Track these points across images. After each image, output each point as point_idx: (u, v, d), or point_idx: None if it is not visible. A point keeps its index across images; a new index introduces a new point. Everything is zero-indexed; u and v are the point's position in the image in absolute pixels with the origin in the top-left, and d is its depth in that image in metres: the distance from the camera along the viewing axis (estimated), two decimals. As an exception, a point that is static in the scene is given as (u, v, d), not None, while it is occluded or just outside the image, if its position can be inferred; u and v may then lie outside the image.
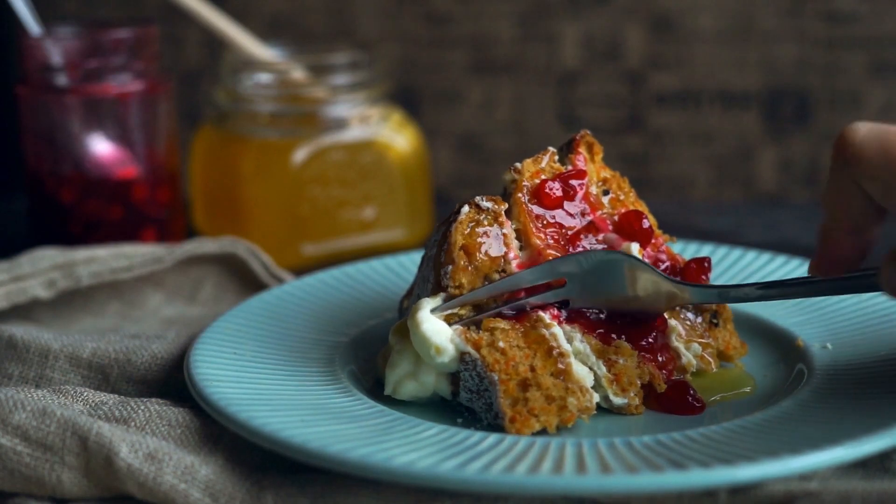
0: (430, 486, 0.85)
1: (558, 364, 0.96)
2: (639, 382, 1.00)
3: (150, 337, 1.11)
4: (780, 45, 1.75)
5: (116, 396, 0.99)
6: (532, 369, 0.96)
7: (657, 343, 1.02)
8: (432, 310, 0.98)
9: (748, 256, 1.24)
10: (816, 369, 1.02)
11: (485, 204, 1.02)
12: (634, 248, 1.04)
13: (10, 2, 1.41)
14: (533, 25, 1.78)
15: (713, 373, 1.05)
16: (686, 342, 1.04)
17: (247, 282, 1.32)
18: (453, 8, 1.79)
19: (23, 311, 1.22)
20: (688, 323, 1.05)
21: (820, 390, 0.98)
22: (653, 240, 1.06)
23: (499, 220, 1.02)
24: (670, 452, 0.88)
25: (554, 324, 0.98)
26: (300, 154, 1.46)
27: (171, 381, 1.06)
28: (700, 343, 1.04)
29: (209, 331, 1.08)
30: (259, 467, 0.92)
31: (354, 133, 1.49)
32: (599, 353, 0.99)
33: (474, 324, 0.99)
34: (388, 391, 1.00)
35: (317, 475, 0.90)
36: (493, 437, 0.92)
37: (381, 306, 1.18)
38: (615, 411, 0.99)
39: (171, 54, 1.82)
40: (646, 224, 1.05)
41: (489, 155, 1.83)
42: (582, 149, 1.07)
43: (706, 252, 1.25)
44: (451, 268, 0.99)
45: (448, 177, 1.83)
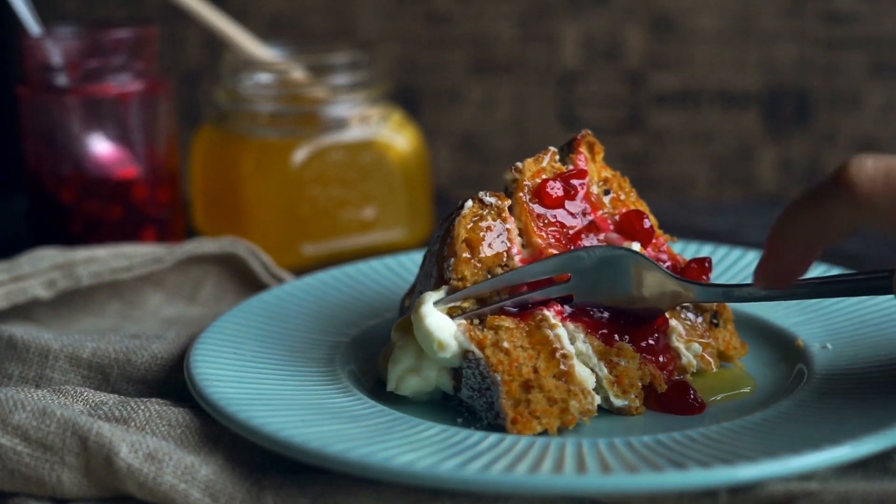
0: (430, 486, 0.85)
1: (561, 366, 0.96)
2: (640, 384, 1.00)
3: (150, 337, 1.11)
4: (780, 45, 1.75)
5: (116, 396, 0.99)
6: (535, 370, 0.96)
7: (659, 344, 1.02)
8: (435, 302, 0.98)
9: (748, 256, 1.24)
10: (816, 369, 1.02)
11: (488, 199, 1.02)
12: (635, 248, 1.04)
13: (10, 2, 1.41)
14: (533, 25, 1.78)
15: (713, 373, 1.05)
16: (686, 342, 1.03)
17: (247, 282, 1.31)
18: (453, 8, 1.79)
19: (23, 311, 1.22)
20: (688, 323, 1.05)
21: (820, 390, 0.98)
22: (654, 240, 1.06)
23: (502, 216, 1.02)
24: (670, 452, 0.87)
25: (558, 324, 0.98)
26: (300, 154, 1.46)
27: (171, 381, 1.06)
28: (700, 343, 1.04)
29: (209, 331, 1.08)
30: (259, 467, 0.92)
31: (354, 133, 1.49)
32: (601, 355, 0.99)
33: (478, 317, 0.98)
34: (391, 387, 1.00)
35: (317, 475, 0.90)
36: (493, 437, 0.92)
37: (382, 306, 1.18)
38: (615, 412, 0.99)
39: (171, 54, 1.82)
40: (647, 224, 1.05)
41: (489, 155, 1.83)
42: (583, 148, 1.07)
43: (706, 252, 1.25)
44: (454, 260, 0.99)
45: (448, 177, 1.83)
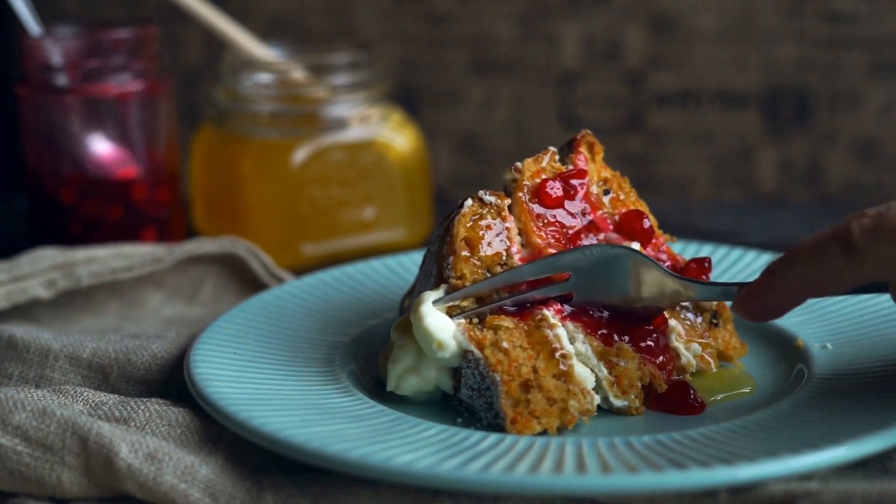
0: (430, 486, 0.85)
1: (560, 366, 0.96)
2: (639, 384, 0.99)
3: (150, 337, 1.11)
4: (780, 45, 1.75)
5: (116, 396, 0.99)
6: (535, 370, 0.96)
7: (658, 344, 1.02)
8: (434, 301, 0.98)
9: (748, 256, 1.24)
10: (816, 369, 1.02)
11: (488, 198, 1.02)
12: (635, 248, 1.04)
13: (10, 2, 1.41)
14: (533, 25, 1.78)
15: (713, 373, 1.05)
16: (686, 342, 1.03)
17: (247, 282, 1.31)
18: (453, 8, 1.79)
19: (23, 311, 1.22)
20: (688, 323, 1.05)
21: (820, 390, 0.98)
22: (653, 239, 1.06)
23: (502, 215, 1.02)
24: (670, 452, 0.87)
25: (558, 324, 0.98)
26: (300, 154, 1.46)
27: (171, 381, 1.06)
28: (700, 343, 1.04)
29: (209, 331, 1.08)
30: (259, 467, 0.92)
31: (354, 133, 1.49)
32: (601, 355, 0.99)
33: (477, 316, 0.98)
34: (391, 387, 1.00)
35: (317, 475, 0.90)
36: (493, 437, 0.92)
37: (381, 306, 1.18)
38: (615, 412, 0.99)
39: (171, 54, 1.82)
40: (646, 224, 1.05)
41: (489, 155, 1.83)
42: (583, 148, 1.07)
43: (706, 252, 1.25)
44: (453, 258, 0.99)
45: (448, 177, 1.83)
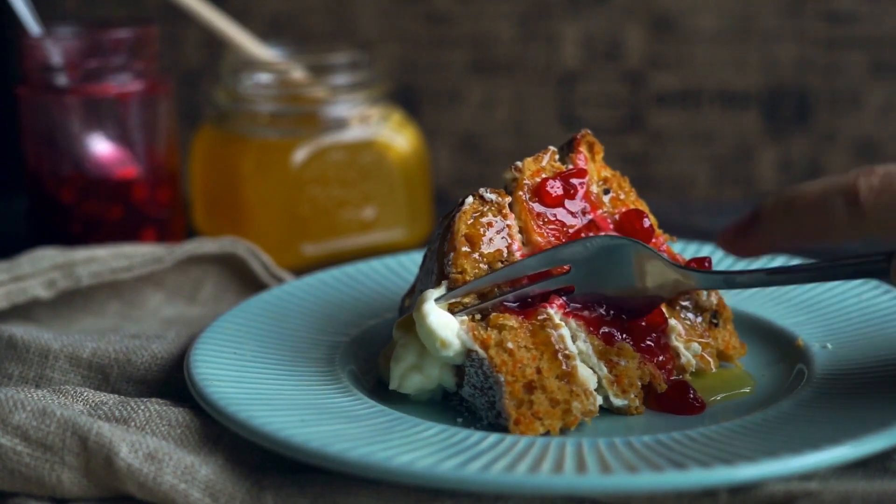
0: (430, 486, 0.85)
1: (564, 366, 0.96)
2: (639, 384, 0.99)
3: (150, 337, 1.11)
4: (780, 45, 1.75)
5: (116, 396, 0.99)
6: (538, 371, 0.96)
7: (658, 344, 1.01)
8: (436, 298, 0.98)
9: (748, 256, 1.24)
10: (816, 369, 1.02)
11: (489, 195, 1.02)
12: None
13: (10, 2, 1.41)
14: (533, 25, 1.78)
15: (713, 373, 1.05)
16: (686, 342, 1.03)
17: (247, 282, 1.31)
18: (453, 8, 1.79)
19: (23, 311, 1.22)
20: (688, 323, 1.05)
21: (820, 390, 0.98)
22: (653, 239, 1.06)
23: (502, 212, 1.02)
24: (670, 452, 0.87)
25: (562, 323, 0.98)
26: (300, 154, 1.46)
27: (171, 381, 1.06)
28: (700, 343, 1.04)
29: (209, 331, 1.08)
30: (259, 467, 0.92)
31: (354, 133, 1.49)
32: (601, 355, 0.99)
33: (479, 312, 0.98)
34: (394, 385, 1.00)
35: (317, 475, 0.90)
36: (494, 437, 0.91)
37: (381, 306, 1.18)
38: (615, 412, 0.99)
39: (171, 54, 1.82)
40: (646, 223, 1.05)
41: (489, 155, 1.83)
42: (583, 148, 1.07)
43: (706, 252, 1.25)
44: (454, 254, 0.99)
45: (448, 177, 1.83)
